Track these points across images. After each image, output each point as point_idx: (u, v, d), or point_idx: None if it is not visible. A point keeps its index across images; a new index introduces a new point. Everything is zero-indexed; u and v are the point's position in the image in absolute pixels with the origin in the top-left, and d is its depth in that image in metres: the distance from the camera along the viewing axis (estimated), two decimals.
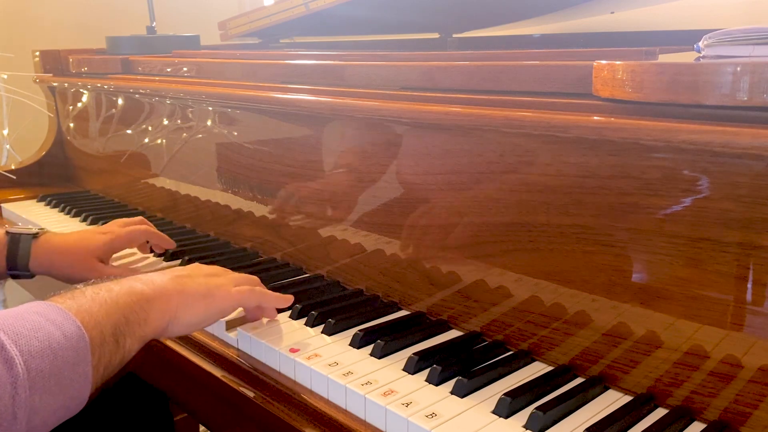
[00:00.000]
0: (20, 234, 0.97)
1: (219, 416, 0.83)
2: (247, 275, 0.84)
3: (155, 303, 0.70)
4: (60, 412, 0.59)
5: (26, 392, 0.55)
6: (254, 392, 0.74)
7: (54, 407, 0.58)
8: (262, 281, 0.96)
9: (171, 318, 0.71)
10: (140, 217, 1.10)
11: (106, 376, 0.64)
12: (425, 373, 0.69)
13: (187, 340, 0.84)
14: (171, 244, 1.08)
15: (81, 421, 0.66)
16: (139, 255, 1.10)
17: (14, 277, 0.99)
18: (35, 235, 0.97)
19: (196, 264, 0.83)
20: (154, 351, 0.87)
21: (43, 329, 0.59)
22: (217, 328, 0.84)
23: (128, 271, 1.02)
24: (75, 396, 0.60)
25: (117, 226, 1.05)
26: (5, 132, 1.85)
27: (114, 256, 1.04)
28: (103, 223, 1.26)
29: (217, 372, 0.79)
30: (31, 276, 0.98)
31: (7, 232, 0.97)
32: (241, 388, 0.75)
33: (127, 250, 1.09)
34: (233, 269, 0.98)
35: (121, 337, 0.65)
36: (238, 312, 0.82)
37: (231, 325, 0.82)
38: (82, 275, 0.96)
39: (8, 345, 0.56)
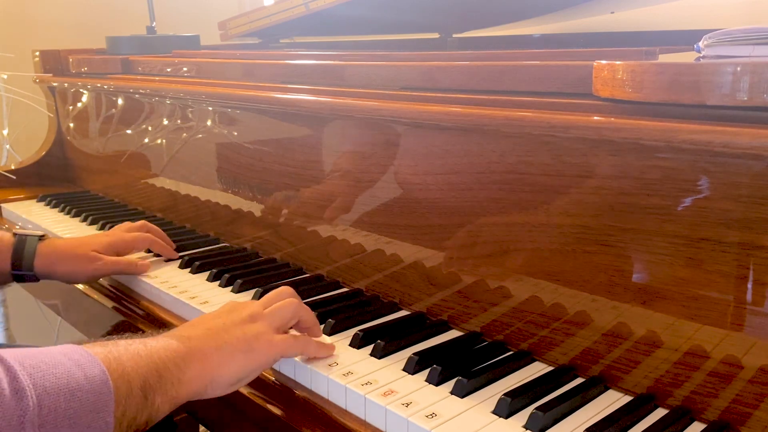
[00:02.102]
0: (27, 235, 1.00)
1: (218, 416, 0.83)
2: (281, 291, 0.77)
3: (191, 363, 0.64)
4: None
5: (35, 430, 0.52)
6: (254, 392, 0.74)
7: None
8: (262, 281, 0.96)
9: (210, 379, 0.65)
10: (143, 222, 1.10)
11: None
12: (425, 373, 0.69)
13: None
14: (173, 255, 1.08)
15: None
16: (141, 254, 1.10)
17: (18, 279, 1.00)
18: (41, 237, 1.00)
19: (231, 304, 0.74)
20: None
21: (62, 366, 0.55)
22: None
23: (129, 263, 1.02)
24: None
25: (121, 231, 1.07)
26: (5, 132, 1.85)
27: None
28: (103, 223, 1.27)
29: None
30: (36, 279, 0.99)
31: (15, 234, 1.00)
32: (241, 389, 0.75)
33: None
34: (233, 269, 0.99)
35: (150, 392, 0.60)
36: None
37: None
38: (83, 266, 0.98)
39: (21, 376, 0.52)
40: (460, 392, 0.65)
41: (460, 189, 0.77)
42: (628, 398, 0.65)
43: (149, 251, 1.10)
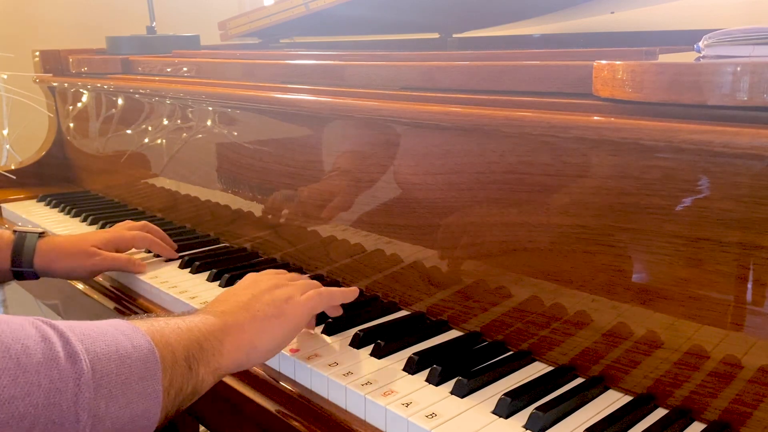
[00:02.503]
0: (27, 233, 1.00)
1: (217, 415, 0.83)
2: (294, 275, 0.81)
3: (229, 335, 0.66)
4: (127, 428, 0.55)
5: (91, 393, 0.52)
6: (254, 392, 0.74)
7: (121, 420, 0.55)
8: None
9: (249, 348, 0.67)
10: (144, 222, 1.10)
11: (178, 405, 0.61)
12: (425, 373, 0.69)
13: None
14: (173, 255, 1.08)
15: None
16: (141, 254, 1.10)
17: (18, 276, 1.00)
18: (41, 234, 1.01)
19: (251, 277, 0.77)
20: None
21: (110, 335, 0.56)
22: None
23: (128, 260, 1.02)
24: (143, 414, 0.56)
25: (121, 228, 1.08)
26: (5, 132, 1.85)
27: None
28: (103, 223, 1.27)
29: None
30: (35, 276, 1.00)
31: (14, 231, 1.00)
32: (241, 389, 0.75)
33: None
34: (234, 269, 0.99)
35: (194, 362, 0.62)
36: None
37: None
38: (81, 262, 0.99)
39: (74, 341, 0.53)
40: (460, 392, 0.65)
41: (460, 189, 0.77)
42: (628, 398, 0.65)
43: (150, 251, 1.10)
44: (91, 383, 0.52)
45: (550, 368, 0.71)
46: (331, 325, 0.80)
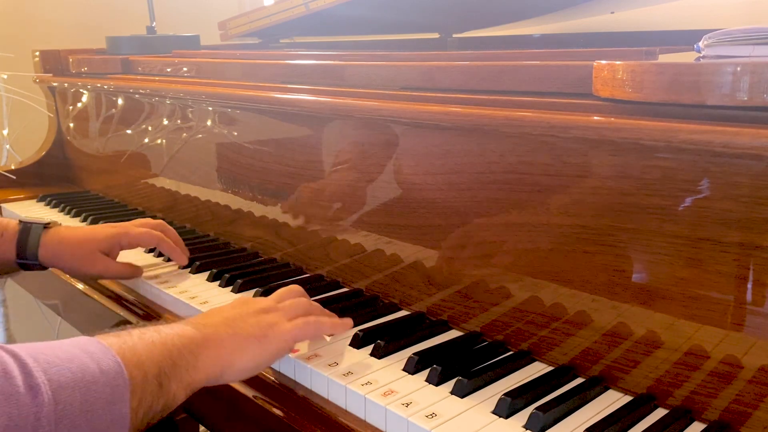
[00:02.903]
0: (32, 223, 0.98)
1: (218, 416, 0.83)
2: (291, 289, 0.80)
3: (206, 349, 0.65)
4: None
5: (51, 426, 0.51)
6: (254, 392, 0.74)
7: None
8: (262, 282, 0.96)
9: (225, 365, 0.66)
10: (161, 222, 1.04)
11: (148, 421, 0.60)
12: (425, 373, 0.69)
13: None
14: (182, 260, 1.02)
15: None
16: (146, 257, 1.09)
17: (25, 267, 0.98)
18: (46, 225, 0.98)
19: (243, 298, 0.77)
20: None
21: (77, 360, 0.55)
22: None
23: (134, 268, 1.00)
24: None
25: (131, 225, 1.02)
26: (5, 132, 1.85)
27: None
28: (103, 223, 1.26)
29: None
30: (42, 267, 0.98)
31: (20, 221, 0.98)
32: (241, 389, 0.75)
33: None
34: (234, 269, 0.99)
35: (165, 380, 0.60)
36: None
37: None
38: (86, 267, 0.96)
39: (35, 372, 0.52)
40: (460, 392, 0.65)
41: (460, 189, 0.77)
42: (628, 398, 0.65)
43: (160, 255, 1.08)
44: (53, 416, 0.51)
45: (550, 368, 0.71)
46: None
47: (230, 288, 0.94)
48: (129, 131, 1.40)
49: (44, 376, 0.52)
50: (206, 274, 1.00)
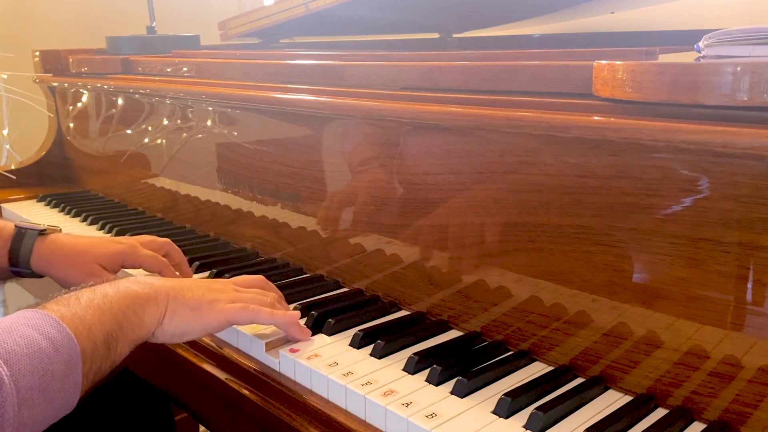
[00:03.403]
0: (27, 229, 0.93)
1: (219, 416, 0.83)
2: (254, 279, 0.83)
3: (148, 306, 0.70)
4: (48, 420, 0.59)
5: (15, 409, 0.55)
6: (254, 393, 0.74)
7: (42, 417, 0.58)
8: None
9: (158, 323, 0.71)
10: (167, 241, 0.98)
11: (96, 381, 0.65)
12: (425, 373, 0.69)
13: (190, 343, 0.84)
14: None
15: (82, 419, 0.66)
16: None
17: (18, 275, 0.93)
18: (42, 232, 0.93)
19: (220, 280, 0.81)
20: (155, 354, 0.87)
21: (35, 344, 0.58)
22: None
23: None
24: (63, 405, 0.60)
25: (138, 242, 0.95)
26: (5, 132, 1.85)
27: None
28: (103, 223, 1.27)
29: (217, 373, 0.79)
30: (35, 275, 0.93)
31: (16, 226, 0.93)
32: (241, 389, 0.75)
33: None
34: (233, 269, 0.99)
35: (113, 342, 0.65)
36: (272, 330, 0.79)
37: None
38: (78, 279, 0.88)
39: None
40: (460, 392, 0.65)
41: (460, 189, 0.77)
42: (628, 398, 0.65)
43: None
44: (15, 402, 0.55)
45: (550, 368, 0.71)
46: (331, 325, 0.80)
47: None
48: (129, 131, 1.40)
49: (5, 368, 0.55)
50: (206, 274, 1.00)
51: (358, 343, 0.76)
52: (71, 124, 1.63)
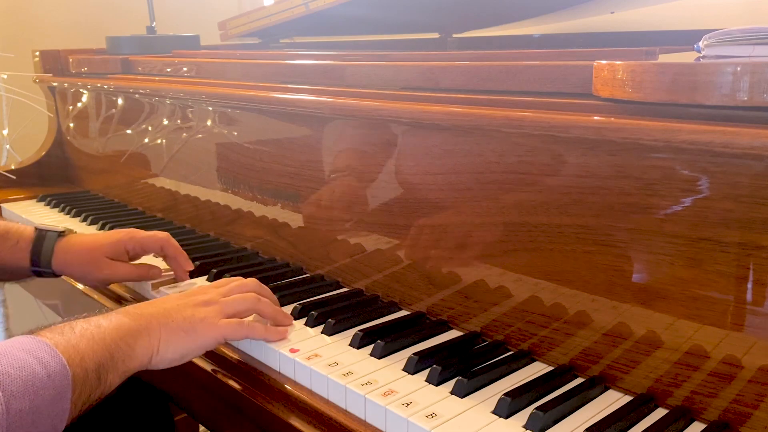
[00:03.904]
0: (47, 231, 0.99)
1: (218, 417, 0.83)
2: (243, 283, 0.81)
3: (140, 338, 0.70)
4: None
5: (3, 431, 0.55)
6: (254, 392, 0.74)
7: None
8: (262, 282, 0.96)
9: (153, 353, 0.71)
10: (166, 233, 1.00)
11: (83, 410, 0.65)
12: (425, 373, 0.69)
13: None
14: (182, 275, 0.98)
15: (82, 419, 0.66)
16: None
17: (38, 274, 0.99)
18: (61, 234, 0.99)
19: (199, 288, 0.81)
20: None
21: (28, 368, 0.60)
22: None
23: (141, 269, 0.97)
24: (49, 430, 0.61)
25: (138, 230, 0.99)
26: (5, 132, 1.85)
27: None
28: (103, 223, 1.27)
29: (216, 372, 0.79)
30: (55, 275, 0.99)
31: (36, 228, 0.99)
32: (240, 388, 0.75)
33: None
34: (233, 269, 0.99)
35: (104, 372, 0.66)
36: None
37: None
38: (93, 273, 0.96)
39: None
40: (460, 392, 0.65)
41: (460, 189, 0.77)
42: (628, 398, 0.65)
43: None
44: (5, 424, 0.56)
45: (550, 368, 0.71)
46: (331, 325, 0.80)
47: None
48: (129, 131, 1.40)
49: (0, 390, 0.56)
50: (206, 274, 1.00)
51: (358, 343, 0.76)
52: (71, 124, 1.63)
